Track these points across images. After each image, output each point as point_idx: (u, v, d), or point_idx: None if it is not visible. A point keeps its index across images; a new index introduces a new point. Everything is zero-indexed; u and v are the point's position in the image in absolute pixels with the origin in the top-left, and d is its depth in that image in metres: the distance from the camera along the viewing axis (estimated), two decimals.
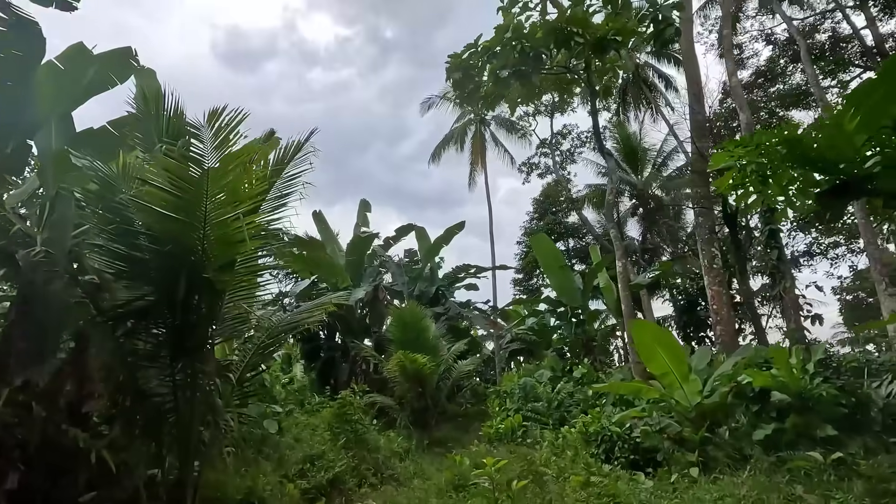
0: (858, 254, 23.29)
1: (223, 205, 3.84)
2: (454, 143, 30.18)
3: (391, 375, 12.80)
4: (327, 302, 6.35)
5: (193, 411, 4.48)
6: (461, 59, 14.99)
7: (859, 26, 21.22)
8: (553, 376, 12.17)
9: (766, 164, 4.57)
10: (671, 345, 5.47)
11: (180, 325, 4.27)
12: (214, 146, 3.60)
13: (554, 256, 16.49)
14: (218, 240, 4.02)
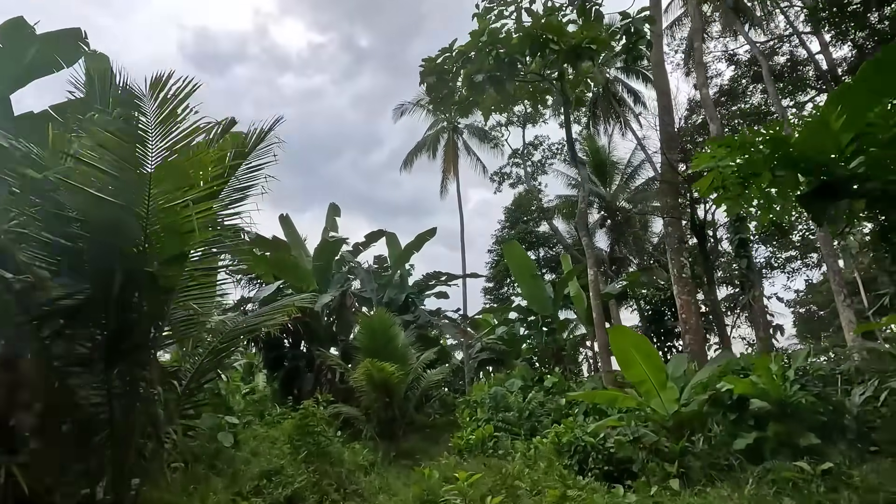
0: (813, 268, 24.21)
1: (170, 189, 3.42)
2: (427, 151, 30.04)
3: (357, 385, 12.30)
4: (290, 305, 5.92)
5: (131, 423, 3.98)
6: (435, 64, 14.83)
7: (815, 51, 22.30)
8: (524, 386, 11.94)
9: (746, 166, 4.48)
10: (649, 352, 5.32)
11: (118, 325, 3.79)
12: (159, 120, 3.19)
13: (526, 265, 16.39)
14: (164, 229, 3.59)
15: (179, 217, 3.58)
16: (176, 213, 3.53)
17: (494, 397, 11.11)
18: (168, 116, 3.17)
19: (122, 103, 3.35)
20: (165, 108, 3.13)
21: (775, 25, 25.29)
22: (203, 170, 3.61)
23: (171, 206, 3.50)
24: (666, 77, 14.16)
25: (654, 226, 31.55)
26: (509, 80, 13.47)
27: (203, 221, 3.73)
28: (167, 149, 3.26)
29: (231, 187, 5.29)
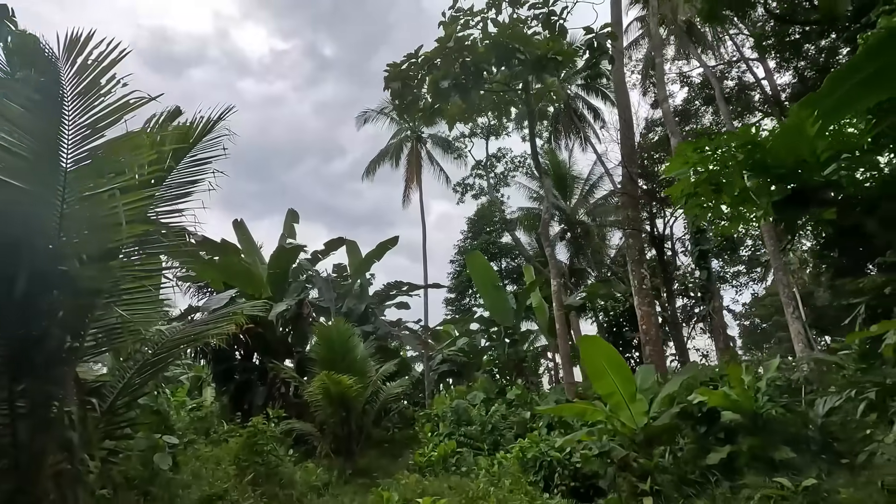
0: (759, 281, 25.32)
1: (92, 175, 2.94)
2: (390, 159, 29.67)
3: (313, 399, 11.66)
4: (238, 312, 5.40)
5: (39, 448, 3.40)
6: (400, 70, 14.59)
7: (761, 76, 23.63)
8: (486, 398, 11.66)
9: (718, 172, 4.41)
10: (619, 364, 5.16)
11: (24, 334, 3.23)
12: (78, 90, 2.72)
13: (489, 275, 16.23)
14: (85, 221, 3.08)
15: (104, 207, 3.09)
16: (99, 202, 3.04)
17: (456, 411, 10.77)
18: (90, 87, 2.70)
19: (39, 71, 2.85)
20: (86, 75, 2.66)
21: (725, 52, 26.62)
22: (135, 155, 3.14)
23: (95, 195, 3.01)
24: (627, 93, 14.48)
25: (612, 239, 32.35)
26: (475, 88, 13.39)
27: (134, 215, 3.24)
28: (89, 126, 2.79)
29: (172, 181, 4.79)
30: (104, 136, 2.88)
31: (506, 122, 27.85)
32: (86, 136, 2.79)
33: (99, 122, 2.82)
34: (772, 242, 13.30)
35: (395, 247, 17.85)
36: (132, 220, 3.21)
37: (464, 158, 30.54)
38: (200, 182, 4.97)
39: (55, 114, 2.66)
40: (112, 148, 2.93)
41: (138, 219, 3.34)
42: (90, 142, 2.86)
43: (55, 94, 2.59)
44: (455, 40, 11.97)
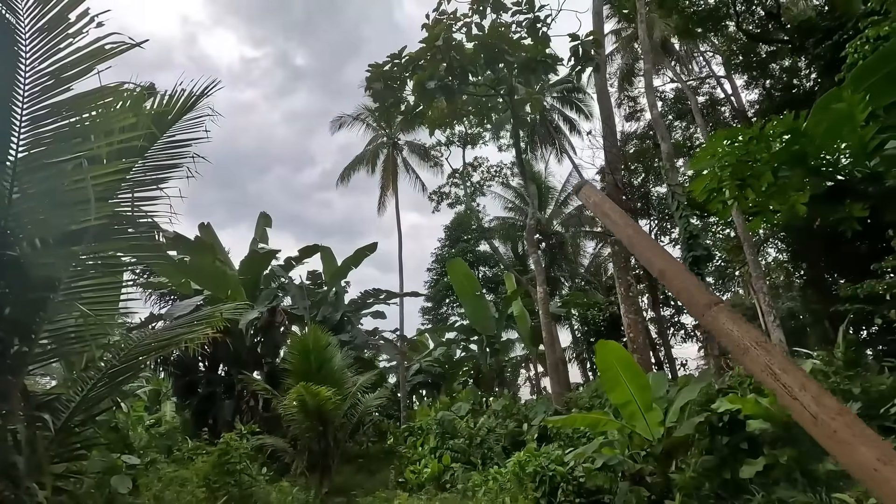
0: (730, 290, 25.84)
1: (53, 138, 2.39)
2: (365, 165, 29.08)
3: (287, 412, 10.92)
4: (215, 316, 4.80)
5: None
6: (383, 70, 14.19)
7: (731, 92, 24.43)
8: (472, 410, 11.20)
9: (747, 166, 4.17)
10: (635, 370, 4.83)
11: None
12: (39, 26, 2.17)
13: (470, 283, 15.86)
14: (42, 195, 2.52)
15: (66, 181, 2.53)
16: (59, 174, 2.49)
17: (441, 423, 10.26)
18: (55, 22, 2.15)
19: None
20: (50, 6, 2.12)
21: (696, 68, 27.44)
22: (110, 117, 2.59)
23: (55, 164, 2.45)
24: (609, 102, 14.52)
25: (586, 249, 32.62)
26: (461, 89, 13.12)
27: (103, 192, 2.69)
28: (52, 75, 2.25)
29: (146, 163, 4.21)
30: (71, 90, 2.34)
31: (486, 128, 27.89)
32: (47, 87, 2.25)
33: (65, 71, 2.28)
34: (751, 251, 13.45)
35: (373, 253, 17.29)
36: (101, 198, 2.65)
37: (440, 167, 30.30)
38: (178, 167, 4.41)
39: (8, 54, 2.12)
40: (81, 105, 2.39)
41: (108, 197, 2.77)
42: (53, 95, 2.31)
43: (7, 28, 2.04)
44: (444, 39, 11.66)
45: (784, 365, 2.02)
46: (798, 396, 1.89)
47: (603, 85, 14.77)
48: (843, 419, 1.76)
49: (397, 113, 15.37)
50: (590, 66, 12.76)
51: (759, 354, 2.10)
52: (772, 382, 2.01)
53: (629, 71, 27.02)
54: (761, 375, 2.08)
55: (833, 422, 1.77)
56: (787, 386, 1.94)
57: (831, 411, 1.79)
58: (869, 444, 1.68)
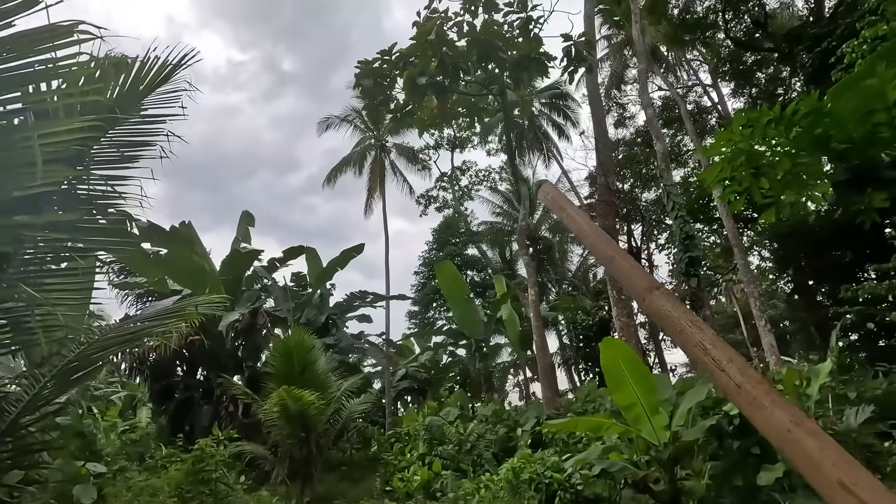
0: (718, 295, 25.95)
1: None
2: (352, 167, 28.69)
3: (269, 418, 10.43)
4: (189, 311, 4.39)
5: None
6: (373, 67, 13.89)
7: (717, 100, 24.71)
8: (460, 415, 10.84)
9: (762, 153, 3.95)
10: (641, 371, 4.56)
11: None
12: None
13: (458, 286, 15.54)
14: None
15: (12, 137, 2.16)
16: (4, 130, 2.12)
17: (430, 429, 9.88)
18: None
19: None
20: None
21: (683, 76, 27.69)
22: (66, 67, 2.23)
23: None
24: (601, 105, 14.44)
25: (573, 254, 32.59)
26: (452, 87, 12.88)
27: (53, 153, 2.32)
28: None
29: (115, 137, 3.83)
30: (14, 26, 1.98)
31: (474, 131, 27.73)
32: None
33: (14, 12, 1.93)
34: (741, 255, 13.39)
35: (359, 255, 16.89)
36: (52, 160, 2.28)
37: (428, 170, 30.03)
38: (150, 146, 4.03)
39: None
40: (28, 44, 2.03)
41: (62, 160, 2.40)
42: None
43: None
44: (437, 34, 11.40)
45: (714, 341, 2.15)
46: (725, 368, 2.02)
47: (595, 87, 14.67)
48: (762, 388, 1.90)
49: (386, 111, 15.05)
50: (583, 67, 12.61)
51: (693, 332, 2.22)
52: (702, 357, 2.13)
53: (619, 77, 27.20)
54: (693, 351, 2.20)
55: (754, 390, 1.91)
56: (716, 360, 2.07)
57: (753, 381, 1.94)
58: (783, 408, 1.80)
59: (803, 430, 1.72)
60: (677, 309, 2.40)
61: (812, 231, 17.48)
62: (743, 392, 1.95)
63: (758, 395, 1.89)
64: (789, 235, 17.26)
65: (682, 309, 2.41)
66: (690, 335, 2.25)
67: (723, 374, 2.05)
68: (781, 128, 3.65)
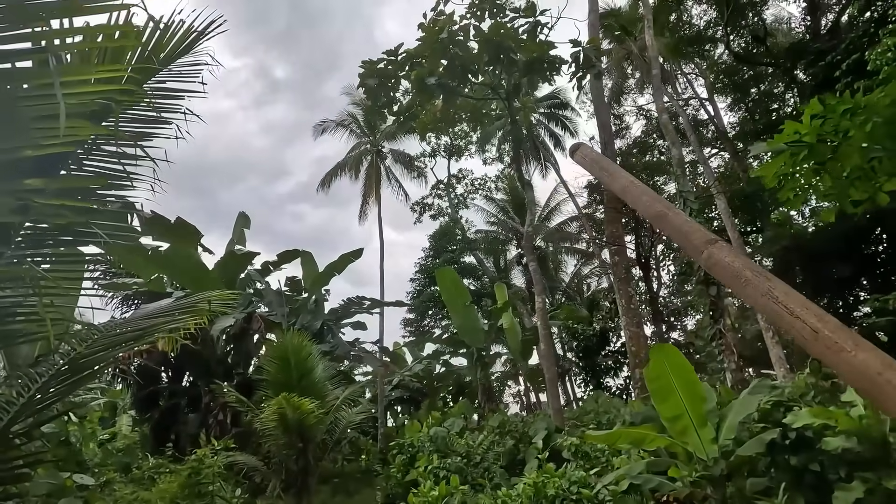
0: None
1: None
2: (348, 171, 28.35)
3: (265, 427, 9.90)
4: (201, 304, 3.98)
5: None
6: (378, 67, 13.62)
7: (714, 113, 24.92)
8: (465, 426, 10.42)
9: (829, 147, 3.70)
10: (691, 380, 4.23)
11: None
12: None
13: (459, 293, 15.18)
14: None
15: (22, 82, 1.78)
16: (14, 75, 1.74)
17: (435, 440, 9.44)
18: None
19: None
20: None
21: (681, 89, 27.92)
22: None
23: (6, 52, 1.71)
24: (608, 112, 14.31)
25: (567, 265, 32.46)
26: (459, 88, 12.64)
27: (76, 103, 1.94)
28: None
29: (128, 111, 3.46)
30: None
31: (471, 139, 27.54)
32: None
33: None
34: None
35: (357, 259, 16.46)
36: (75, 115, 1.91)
37: (424, 178, 29.76)
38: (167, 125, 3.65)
39: None
40: None
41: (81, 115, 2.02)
42: None
43: None
44: (448, 33, 11.17)
45: (786, 290, 2.03)
46: (799, 314, 1.90)
47: (601, 93, 14.55)
48: (843, 332, 1.79)
49: (389, 113, 14.75)
50: (592, 73, 12.47)
51: (760, 282, 2.09)
52: (773, 306, 2.02)
53: (619, 90, 27.34)
54: (763, 301, 2.08)
55: (833, 334, 1.79)
56: (789, 307, 1.95)
57: (832, 325, 1.82)
58: (869, 351, 1.70)
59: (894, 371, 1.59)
60: (742, 261, 2.28)
61: (810, 245, 17.54)
62: (821, 338, 1.83)
63: (839, 339, 1.78)
64: (788, 249, 17.26)
65: (746, 261, 2.30)
66: (758, 285, 2.12)
67: (797, 321, 1.92)
68: (858, 119, 3.42)
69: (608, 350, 17.92)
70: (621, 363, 17.82)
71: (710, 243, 2.40)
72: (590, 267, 31.27)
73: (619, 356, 17.88)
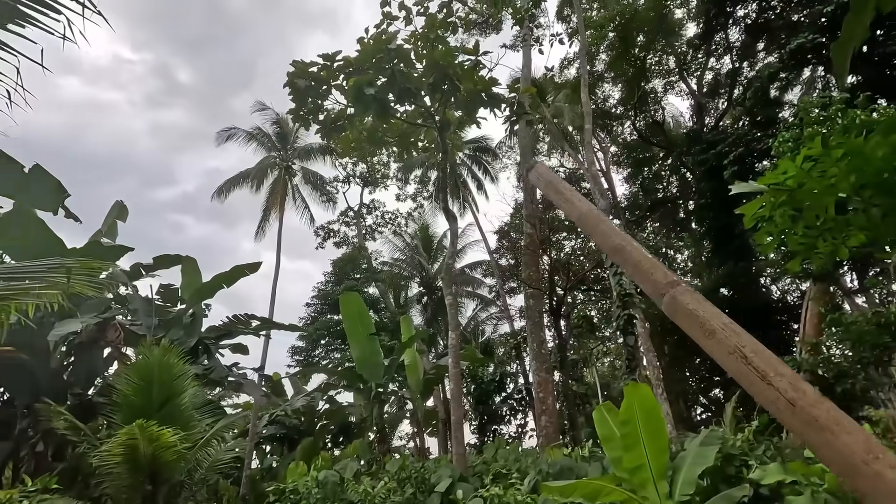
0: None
1: None
2: (250, 182, 26.21)
3: (105, 463, 7.84)
4: (57, 274, 2.76)
5: None
6: (310, 70, 12.74)
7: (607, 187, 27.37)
8: (360, 470, 9.22)
9: (808, 193, 3.70)
10: (658, 428, 3.83)
11: None
12: None
13: (363, 322, 14.08)
14: None
15: None
16: None
17: (324, 486, 8.14)
18: None
19: None
20: None
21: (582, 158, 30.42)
22: None
23: None
24: (531, 160, 14.71)
25: (466, 308, 32.63)
26: (394, 109, 12.15)
27: None
28: None
29: None
30: None
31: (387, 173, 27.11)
32: None
33: None
34: (643, 323, 14.03)
35: (253, 273, 14.64)
36: None
37: (333, 203, 28.49)
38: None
39: None
40: None
41: None
42: None
43: None
44: (396, 46, 10.72)
45: (755, 347, 1.86)
46: (773, 381, 1.73)
47: (529, 140, 15.01)
48: (824, 406, 1.64)
49: (314, 121, 13.75)
50: (526, 118, 12.79)
51: (727, 336, 1.92)
52: (741, 367, 1.84)
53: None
54: (729, 360, 1.90)
55: (813, 409, 1.64)
56: (760, 370, 1.77)
57: (810, 398, 1.67)
58: (853, 433, 1.56)
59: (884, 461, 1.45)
60: (706, 309, 2.05)
61: None
62: (799, 412, 1.64)
63: (818, 416, 1.61)
64: None
65: (711, 308, 2.06)
66: (724, 339, 1.91)
67: (770, 389, 1.72)
68: (843, 166, 3.45)
69: (504, 395, 17.82)
70: (517, 410, 17.75)
71: (671, 285, 2.18)
72: (487, 312, 31.77)
73: (513, 402, 17.83)
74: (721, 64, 22.55)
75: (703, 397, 18.93)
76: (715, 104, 22.84)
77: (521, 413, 17.65)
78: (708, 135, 18.05)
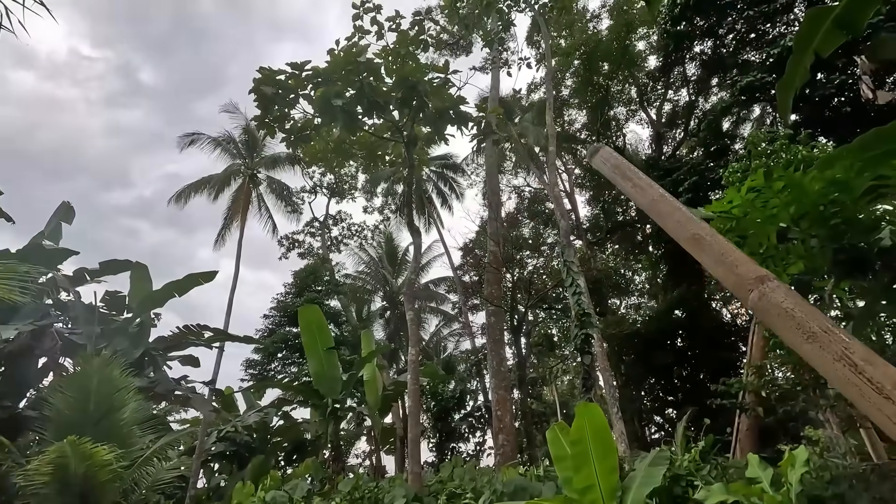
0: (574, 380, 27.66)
1: None
2: (210, 189, 25.44)
3: (30, 483, 7.26)
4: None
5: None
6: (277, 77, 12.57)
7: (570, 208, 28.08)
8: (311, 490, 8.89)
9: (752, 222, 3.88)
10: (608, 448, 3.85)
11: None
12: None
13: (322, 335, 13.74)
14: None
15: None
16: None
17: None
18: None
19: None
20: None
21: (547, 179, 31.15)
22: None
23: None
24: (497, 179, 14.96)
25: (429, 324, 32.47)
26: (365, 116, 12.10)
27: None
28: None
29: None
30: None
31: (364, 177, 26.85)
32: None
33: None
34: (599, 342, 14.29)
35: (208, 282, 14.10)
36: None
37: (298, 214, 27.95)
38: None
39: None
40: None
41: None
42: None
43: None
44: (366, 59, 10.71)
45: (867, 355, 1.56)
46: (891, 395, 1.45)
47: (495, 160, 15.23)
48: None
49: (280, 129, 13.52)
50: (492, 138, 12.99)
51: (831, 340, 1.62)
52: (850, 376, 1.55)
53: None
54: (834, 367, 1.61)
55: None
56: (875, 382, 1.49)
57: None
58: None
59: None
60: (804, 308, 1.77)
61: (641, 334, 19.99)
62: None
63: None
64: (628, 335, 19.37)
65: (810, 308, 1.78)
66: (828, 343, 1.64)
67: (888, 403, 1.46)
68: (783, 198, 3.64)
69: (464, 413, 17.71)
70: (476, 427, 17.65)
71: (761, 280, 1.94)
72: (450, 329, 31.70)
73: (473, 420, 17.73)
74: (679, 96, 23.76)
75: (658, 416, 19.35)
76: (673, 134, 23.95)
77: (480, 431, 17.60)
78: (665, 162, 18.86)
